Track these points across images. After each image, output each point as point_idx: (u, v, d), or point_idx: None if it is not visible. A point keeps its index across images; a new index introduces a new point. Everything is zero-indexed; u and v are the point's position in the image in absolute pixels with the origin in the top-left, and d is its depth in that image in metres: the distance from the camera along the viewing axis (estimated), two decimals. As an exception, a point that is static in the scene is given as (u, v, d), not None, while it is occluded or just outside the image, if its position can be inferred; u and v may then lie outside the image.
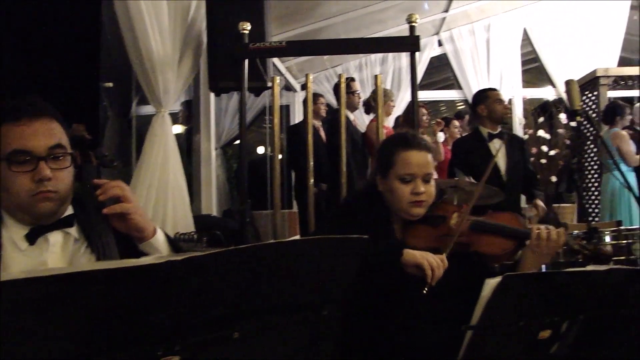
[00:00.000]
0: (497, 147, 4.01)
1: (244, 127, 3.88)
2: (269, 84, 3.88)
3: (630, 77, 7.04)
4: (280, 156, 4.27)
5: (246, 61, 3.68)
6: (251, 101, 6.74)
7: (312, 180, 3.80)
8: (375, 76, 3.89)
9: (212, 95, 4.88)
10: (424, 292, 1.75)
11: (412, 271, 1.79)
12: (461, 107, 8.40)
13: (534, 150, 6.92)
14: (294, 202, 5.82)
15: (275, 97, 3.71)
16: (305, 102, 5.72)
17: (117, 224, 1.47)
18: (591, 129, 6.88)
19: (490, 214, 2.05)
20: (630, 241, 2.91)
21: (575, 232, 2.91)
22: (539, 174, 6.93)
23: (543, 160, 6.72)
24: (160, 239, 1.52)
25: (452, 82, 8.26)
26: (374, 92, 5.42)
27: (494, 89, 4.41)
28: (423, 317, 1.88)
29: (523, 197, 4.68)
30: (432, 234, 1.98)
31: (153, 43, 3.77)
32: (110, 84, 5.92)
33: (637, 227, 3.01)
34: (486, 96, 4.25)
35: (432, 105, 8.75)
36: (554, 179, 6.79)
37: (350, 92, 5.10)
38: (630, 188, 3.04)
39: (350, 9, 6.37)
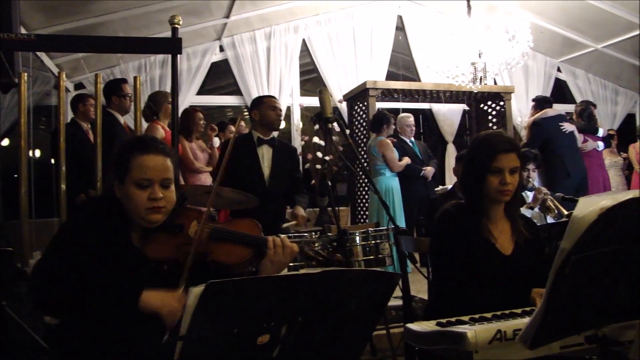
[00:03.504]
0: (264, 153, 4.08)
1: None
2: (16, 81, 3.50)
3: (395, 90, 7.67)
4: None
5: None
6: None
7: (64, 187, 3.53)
8: (135, 78, 3.73)
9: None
10: (164, 340, 1.69)
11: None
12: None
13: (309, 156, 7.22)
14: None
15: (22, 96, 3.39)
16: (73, 101, 5.38)
17: None
18: (362, 137, 7.35)
19: (230, 222, 2.04)
20: (378, 241, 3.11)
21: (330, 234, 3.03)
22: (314, 179, 7.24)
23: (318, 166, 7.03)
24: None
25: (236, 88, 8.29)
26: (150, 96, 5.26)
27: (271, 96, 4.47)
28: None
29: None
30: (171, 243, 1.91)
31: None
32: None
33: (385, 228, 3.22)
34: (260, 102, 4.30)
35: (219, 110, 8.72)
36: (329, 183, 7.13)
37: (121, 94, 4.86)
38: (376, 193, 3.22)
39: (131, 6, 6.14)
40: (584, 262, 1.25)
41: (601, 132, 7.09)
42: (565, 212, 4.25)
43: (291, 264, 2.88)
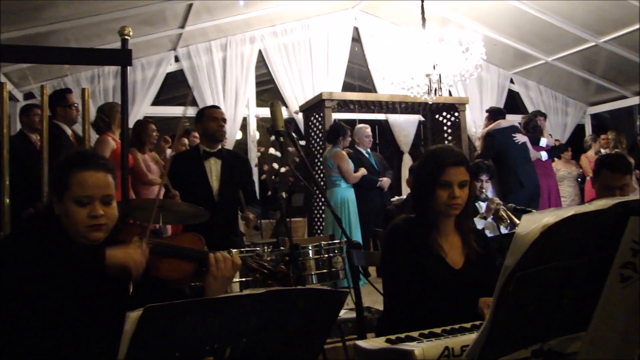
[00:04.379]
0: (212, 166, 4.01)
1: None
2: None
3: (351, 101, 7.70)
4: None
5: None
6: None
7: (7, 200, 3.41)
8: (82, 90, 3.64)
9: None
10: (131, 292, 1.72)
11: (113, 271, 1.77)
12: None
13: (265, 167, 7.18)
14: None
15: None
16: (22, 112, 5.22)
17: None
18: (318, 148, 7.34)
19: (173, 236, 2.00)
20: (331, 255, 3.09)
21: (282, 248, 2.99)
22: (270, 190, 7.20)
23: (274, 177, 7.00)
24: None
25: (191, 99, 8.19)
26: (102, 108, 5.15)
27: (212, 107, 4.34)
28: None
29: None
30: None
31: None
32: None
33: (337, 241, 3.20)
34: (202, 114, 4.18)
35: (175, 121, 8.59)
36: (284, 195, 7.11)
37: (66, 105, 4.74)
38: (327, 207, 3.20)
39: (84, 14, 5.98)
40: (527, 278, 1.25)
41: (544, 142, 7.23)
42: (518, 222, 4.31)
43: (243, 279, 2.84)
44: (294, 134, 7.17)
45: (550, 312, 1.42)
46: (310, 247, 3.07)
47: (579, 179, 8.47)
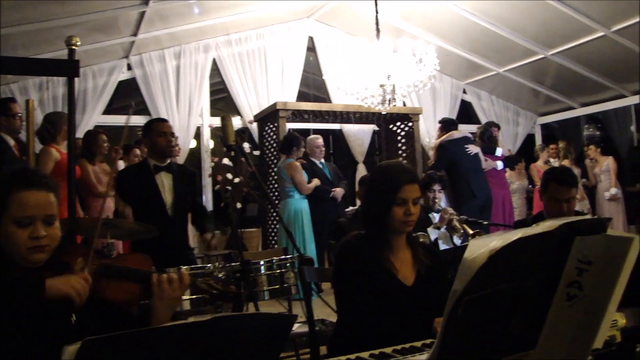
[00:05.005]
0: (164, 180, 3.93)
1: None
2: None
3: (305, 111, 7.68)
4: None
5: None
6: None
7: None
8: (27, 101, 3.53)
9: None
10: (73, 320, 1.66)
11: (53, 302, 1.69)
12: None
13: (219, 178, 7.09)
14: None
15: None
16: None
17: None
18: (273, 158, 7.31)
19: (119, 257, 1.94)
20: (283, 270, 3.05)
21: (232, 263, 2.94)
22: (223, 201, 7.13)
23: (228, 187, 6.92)
24: None
25: (144, 107, 8.04)
26: (48, 117, 5.00)
27: (160, 121, 4.21)
28: None
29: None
30: None
31: None
32: None
33: (290, 256, 3.17)
34: (149, 129, 4.05)
35: (128, 129, 8.41)
36: (238, 205, 7.04)
37: (10, 114, 4.57)
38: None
39: (34, 19, 5.79)
40: (476, 302, 1.25)
41: (499, 152, 7.36)
42: (471, 232, 4.36)
43: (194, 296, 2.78)
44: (247, 144, 7.17)
45: (499, 332, 1.42)
46: (261, 263, 3.03)
47: (527, 191, 8.66)
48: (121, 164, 5.63)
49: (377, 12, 6.41)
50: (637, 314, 2.73)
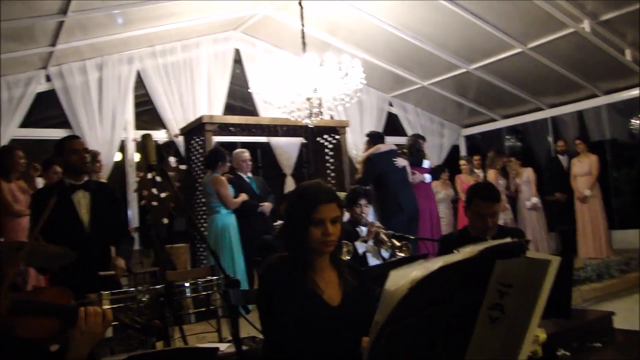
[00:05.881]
0: (80, 199, 3.77)
1: None
2: None
3: (232, 125, 7.61)
4: None
5: None
6: None
7: None
8: None
9: None
10: None
11: None
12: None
13: (145, 193, 6.91)
14: None
15: None
16: None
17: None
18: (199, 172, 7.19)
19: (35, 291, 1.84)
20: (209, 292, 2.98)
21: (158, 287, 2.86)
22: (149, 216, 6.95)
23: (154, 203, 6.75)
24: None
25: (65, 120, 7.74)
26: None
27: (72, 138, 4.04)
28: None
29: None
30: None
31: None
32: None
33: (215, 277, 3.10)
34: (61, 147, 3.89)
35: (49, 143, 8.08)
36: (165, 220, 6.87)
37: None
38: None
39: None
40: (398, 332, 1.25)
41: (427, 164, 7.51)
42: (398, 244, 4.43)
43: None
44: (174, 158, 7.02)
45: (423, 358, 1.43)
46: (186, 285, 2.95)
47: (453, 200, 8.88)
48: (39, 182, 5.38)
49: (303, 25, 6.42)
50: (556, 323, 2.83)
